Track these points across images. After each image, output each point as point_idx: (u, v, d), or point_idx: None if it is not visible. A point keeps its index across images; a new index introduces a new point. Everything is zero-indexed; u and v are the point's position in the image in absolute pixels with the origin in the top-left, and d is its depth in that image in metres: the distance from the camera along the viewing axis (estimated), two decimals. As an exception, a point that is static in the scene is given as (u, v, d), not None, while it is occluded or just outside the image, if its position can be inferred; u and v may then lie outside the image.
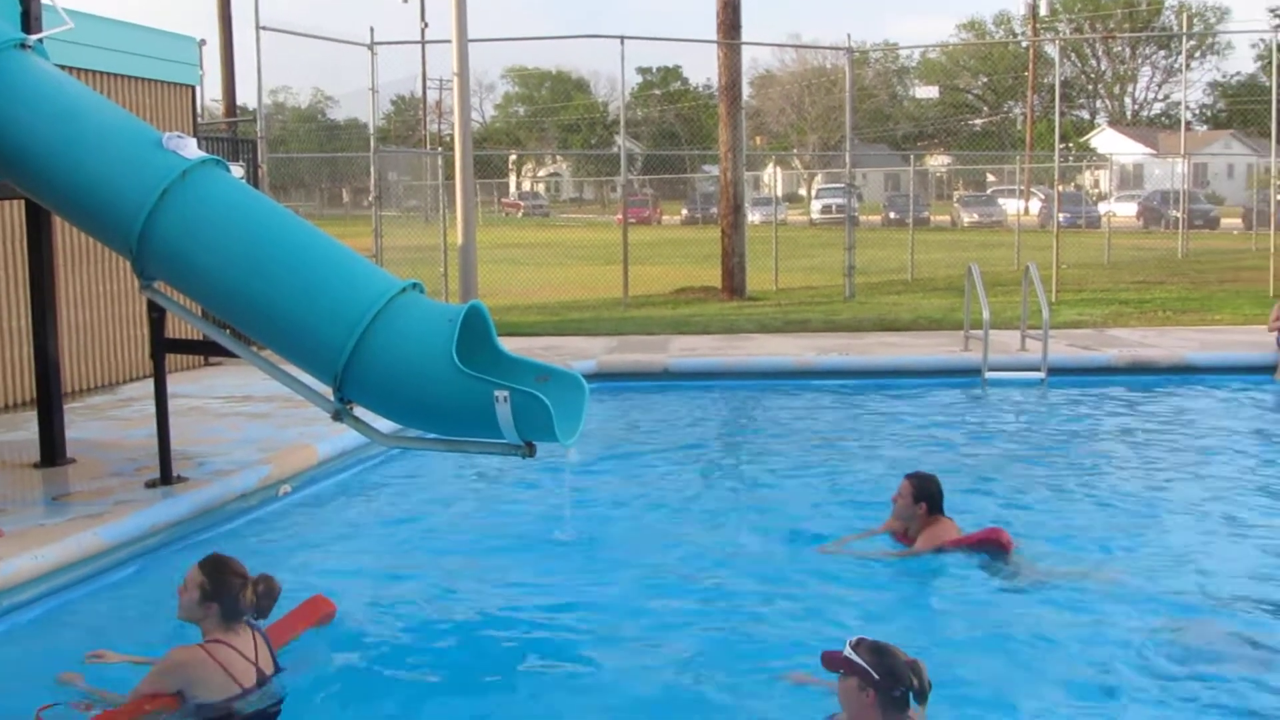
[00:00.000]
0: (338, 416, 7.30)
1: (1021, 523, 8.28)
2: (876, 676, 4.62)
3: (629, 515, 8.83)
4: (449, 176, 20.33)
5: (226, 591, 5.31)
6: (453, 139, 16.05)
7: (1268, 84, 25.87)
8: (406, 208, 33.62)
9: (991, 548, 7.51)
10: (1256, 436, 11.80)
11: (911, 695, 4.62)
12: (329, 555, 7.93)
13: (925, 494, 7.68)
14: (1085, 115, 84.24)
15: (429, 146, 54.99)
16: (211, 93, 68.76)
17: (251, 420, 11.06)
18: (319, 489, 9.51)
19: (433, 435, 7.51)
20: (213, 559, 5.45)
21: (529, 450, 7.07)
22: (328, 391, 7.20)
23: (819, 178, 63.38)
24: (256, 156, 16.86)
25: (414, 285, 7.29)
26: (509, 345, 7.43)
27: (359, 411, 7.34)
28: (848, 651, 4.69)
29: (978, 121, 78.31)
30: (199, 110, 16.35)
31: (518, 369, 7.28)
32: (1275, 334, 14.71)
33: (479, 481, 9.94)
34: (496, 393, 6.70)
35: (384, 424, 7.78)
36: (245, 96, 42.08)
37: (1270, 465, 10.50)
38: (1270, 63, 25.84)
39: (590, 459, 10.20)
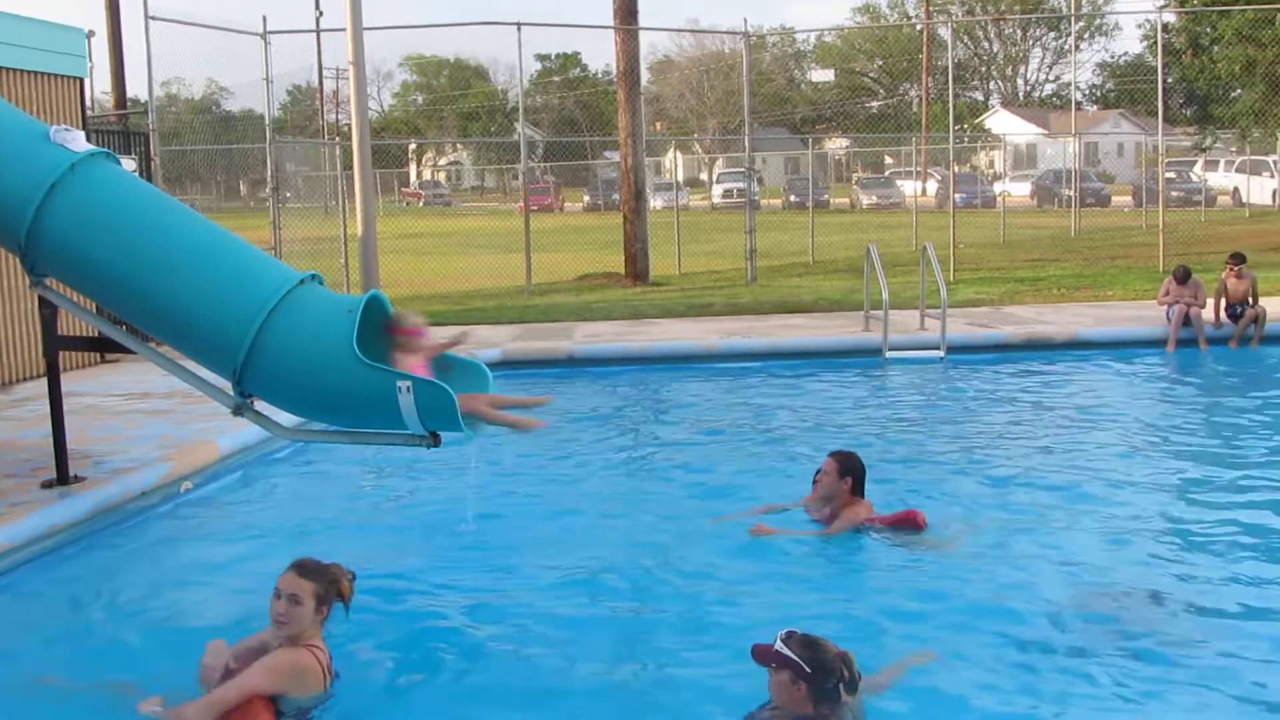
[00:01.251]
0: (238, 411, 7.20)
1: (925, 499, 8.43)
2: (808, 670, 4.66)
3: (539, 503, 8.83)
4: (348, 167, 20.13)
5: (338, 592, 5.39)
6: (351, 128, 15.87)
7: (1154, 64, 26.44)
8: (306, 199, 33.23)
9: (907, 528, 7.64)
10: (1149, 408, 12.12)
11: (842, 686, 4.67)
12: (233, 551, 7.85)
13: (850, 471, 7.76)
14: (979, 97, 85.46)
15: (327, 136, 54.35)
16: (101, 85, 67.40)
17: (150, 417, 10.89)
18: (222, 485, 9.40)
19: (336, 427, 7.44)
20: (310, 565, 5.42)
21: (433, 440, 7.01)
22: (227, 386, 7.10)
23: (720, 162, 63.66)
24: (149, 149, 16.55)
25: (313, 277, 7.20)
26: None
27: (260, 405, 7.25)
28: (778, 645, 4.71)
29: (874, 104, 79.12)
30: (88, 103, 16.00)
31: (421, 359, 7.23)
32: (1165, 308, 15.09)
33: (383, 472, 9.88)
34: (399, 383, 6.64)
35: (286, 417, 7.70)
36: (136, 88, 41.24)
37: (1162, 434, 10.79)
38: (1156, 43, 26.42)
39: (496, 447, 10.17)
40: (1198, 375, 13.69)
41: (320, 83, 63.91)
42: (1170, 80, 33.11)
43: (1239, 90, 28.40)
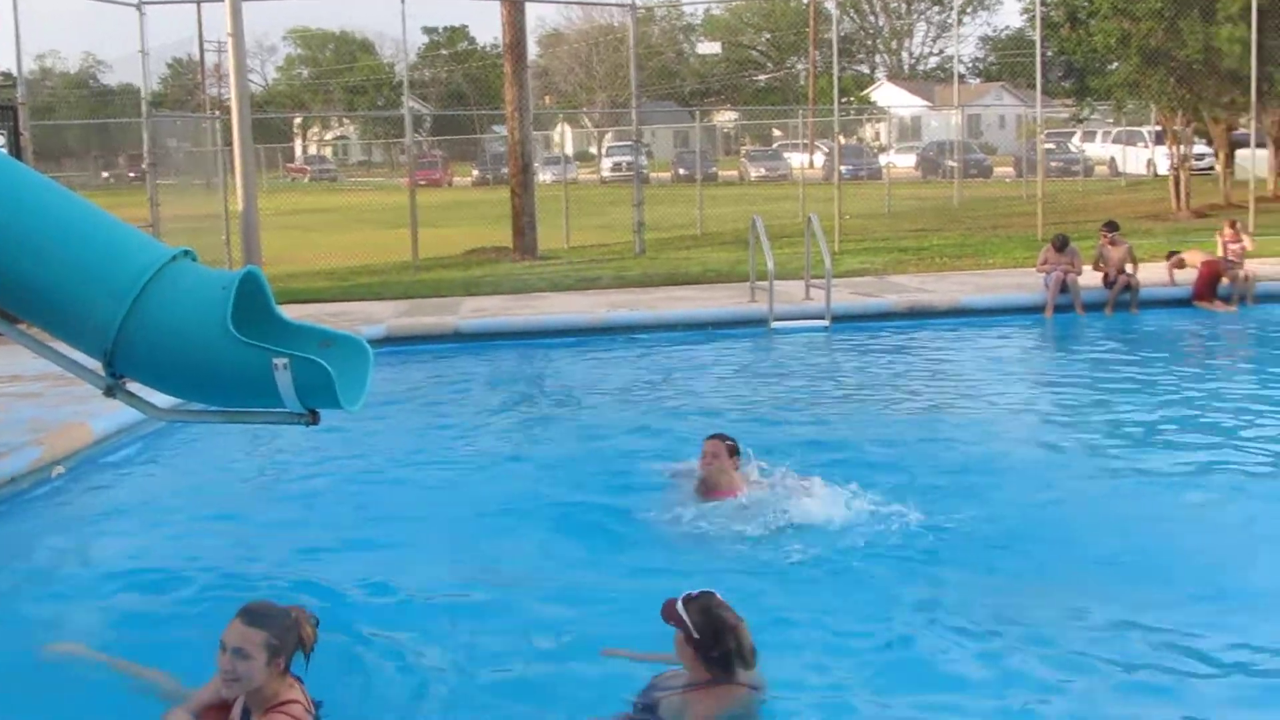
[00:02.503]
0: (110, 392, 7.01)
1: (814, 467, 8.44)
2: (697, 635, 4.66)
3: (422, 479, 8.76)
4: (229, 142, 19.74)
5: (291, 636, 4.54)
6: (231, 102, 15.56)
7: (1034, 37, 26.90)
8: (188, 175, 32.55)
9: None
10: (1029, 372, 12.40)
11: (733, 657, 4.68)
12: (108, 536, 7.69)
13: (735, 449, 7.74)
14: (865, 70, 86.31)
15: (209, 111, 53.24)
16: (-30, 59, 65.19)
17: (20, 400, 10.60)
18: (96, 468, 9.18)
19: (212, 407, 7.30)
20: (260, 610, 4.57)
21: (312, 418, 6.91)
22: (99, 367, 6.92)
23: (609, 136, 63.54)
24: (18, 124, 16.07)
25: (185, 253, 7.04)
26: (296, 313, 7.31)
27: (134, 386, 7.08)
28: (679, 605, 4.72)
29: (762, 78, 79.56)
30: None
31: (300, 335, 7.10)
32: (1044, 276, 15.39)
33: (262, 451, 9.72)
34: (276, 360, 6.53)
35: (161, 398, 7.53)
36: (6, 62, 40.02)
37: (1042, 396, 11.05)
38: (1035, 16, 26.84)
39: (379, 423, 10.07)
40: (1075, 340, 14.01)
41: (201, 56, 62.46)
42: (1049, 53, 33.66)
43: (1115, 63, 28.98)
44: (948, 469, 8.51)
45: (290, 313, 7.21)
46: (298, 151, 76.00)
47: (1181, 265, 15.82)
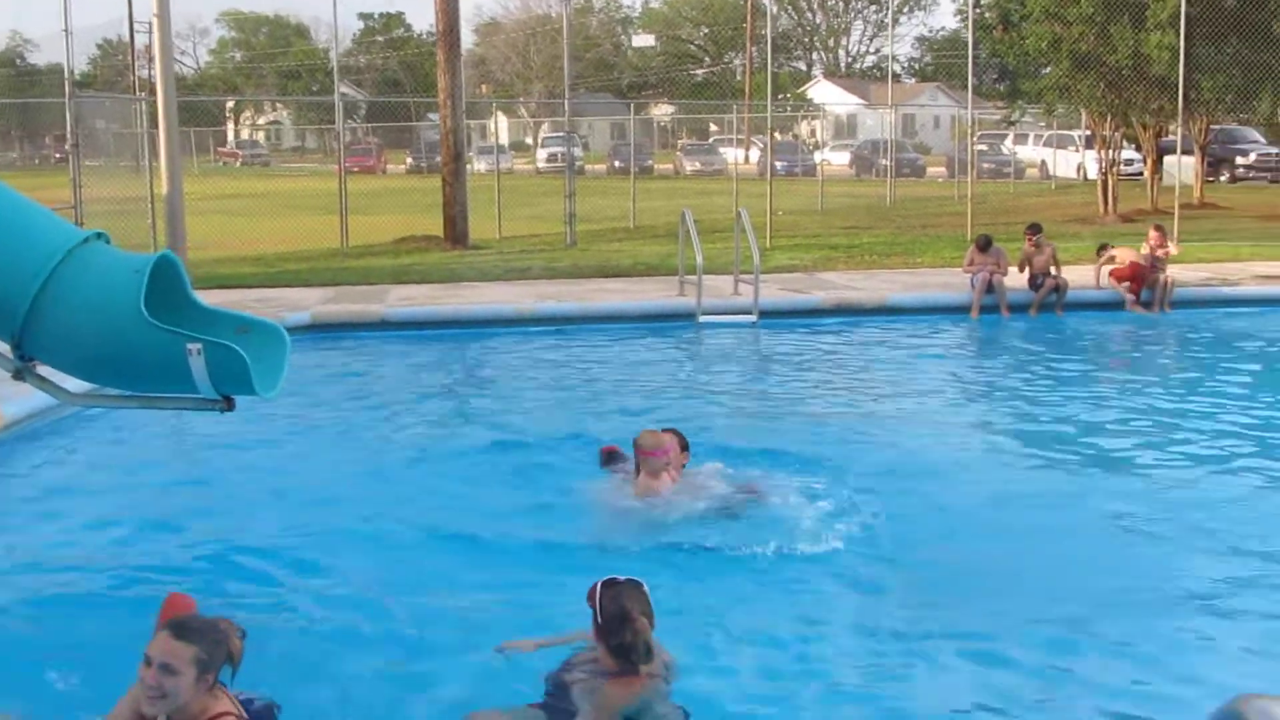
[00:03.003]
0: (19, 376, 6.86)
1: (736, 462, 8.42)
2: (600, 622, 4.68)
3: (340, 468, 8.68)
4: (156, 124, 19.43)
5: (221, 650, 4.29)
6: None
7: (968, 39, 27.16)
8: (116, 157, 32.04)
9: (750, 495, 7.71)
10: (953, 371, 12.50)
11: (629, 651, 4.66)
12: (19, 520, 7.54)
13: (685, 444, 7.68)
14: (802, 67, 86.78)
15: (138, 92, 52.47)
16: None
17: (-69, 383, 10.36)
18: (6, 453, 9.00)
19: (125, 391, 7.17)
20: (189, 624, 4.34)
21: (227, 404, 6.80)
22: (8, 350, 6.78)
23: (545, 127, 63.38)
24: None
25: (99, 235, 6.91)
26: (221, 298, 7.20)
27: (45, 370, 6.94)
28: (598, 588, 4.74)
29: (699, 72, 79.69)
30: None
31: (216, 321, 6.98)
32: (970, 276, 15.51)
33: (177, 439, 9.57)
34: (189, 345, 6.43)
35: (73, 382, 7.39)
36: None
37: (965, 395, 11.15)
38: (969, 18, 27.12)
39: (300, 411, 9.98)
40: (998, 340, 14.15)
41: (131, 36, 61.57)
42: (982, 55, 34.02)
43: (1047, 67, 29.31)
44: (867, 465, 8.55)
45: (215, 298, 7.16)
46: (229, 136, 75.10)
47: (1111, 260, 15.96)
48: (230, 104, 76.79)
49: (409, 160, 55.46)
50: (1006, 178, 42.53)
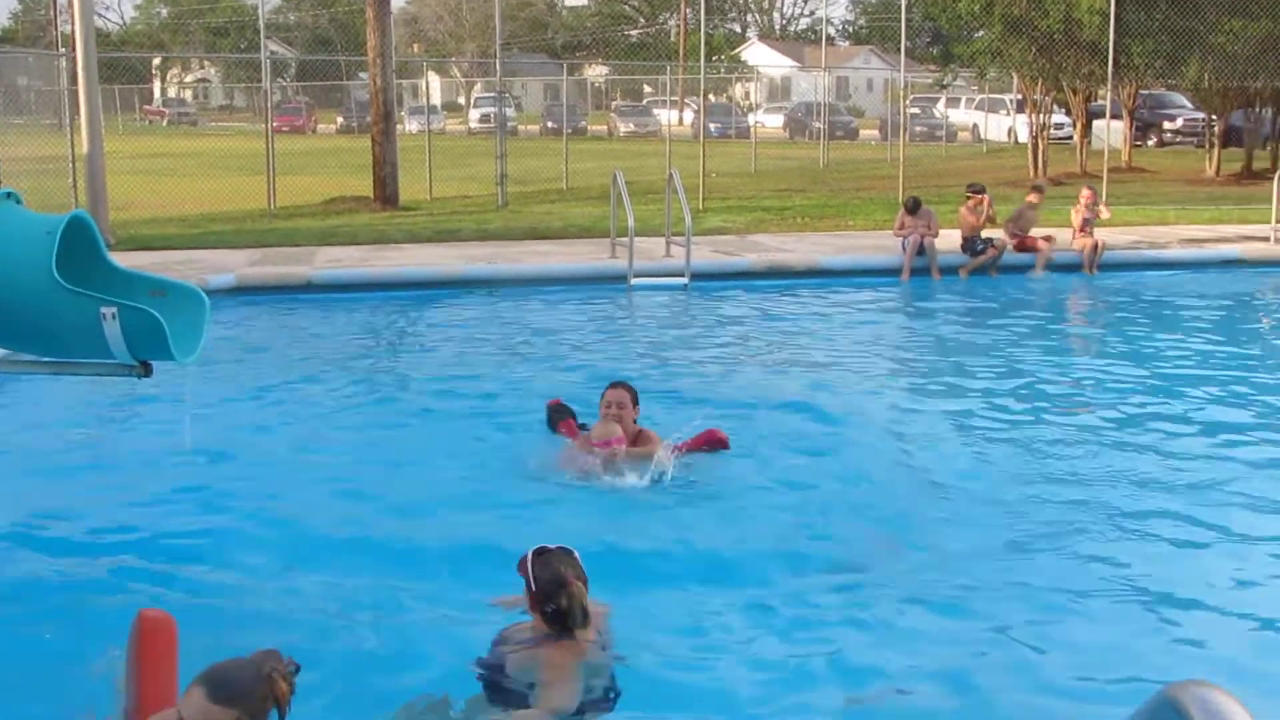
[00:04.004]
0: (-76, 341, 6.69)
1: (659, 425, 8.40)
2: (534, 588, 4.64)
3: (267, 433, 8.53)
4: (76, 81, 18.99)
5: (266, 706, 3.63)
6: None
7: (901, 2, 27.16)
8: (38, 114, 31.36)
9: (715, 446, 7.67)
10: (883, 332, 12.56)
11: (564, 617, 4.62)
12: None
13: (636, 397, 7.63)
14: (737, 29, 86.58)
15: (60, 48, 51.36)
16: None
17: None
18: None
19: (38, 357, 6.98)
20: (221, 679, 3.58)
21: (144, 370, 6.65)
22: (-85, 314, 6.58)
23: (478, 87, 62.82)
24: None
25: (9, 195, 6.71)
26: (142, 261, 7.02)
27: (-50, 335, 6.74)
28: (529, 557, 4.70)
29: (634, 33, 79.32)
30: None
31: (132, 284, 6.84)
32: (900, 239, 15.54)
33: (90, 407, 9.29)
34: (103, 309, 6.27)
35: (-18, 348, 7.19)
36: None
37: (892, 357, 11.19)
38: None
39: (224, 376, 9.79)
40: (928, 303, 14.21)
41: (53, -10, 60.29)
42: (916, 18, 34.09)
43: (980, 30, 29.42)
44: (790, 426, 8.57)
45: (138, 260, 6.99)
46: (156, 94, 73.76)
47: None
48: (156, 61, 75.43)
49: (339, 120, 54.76)
50: (939, 141, 42.72)
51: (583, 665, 4.63)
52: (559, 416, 8.06)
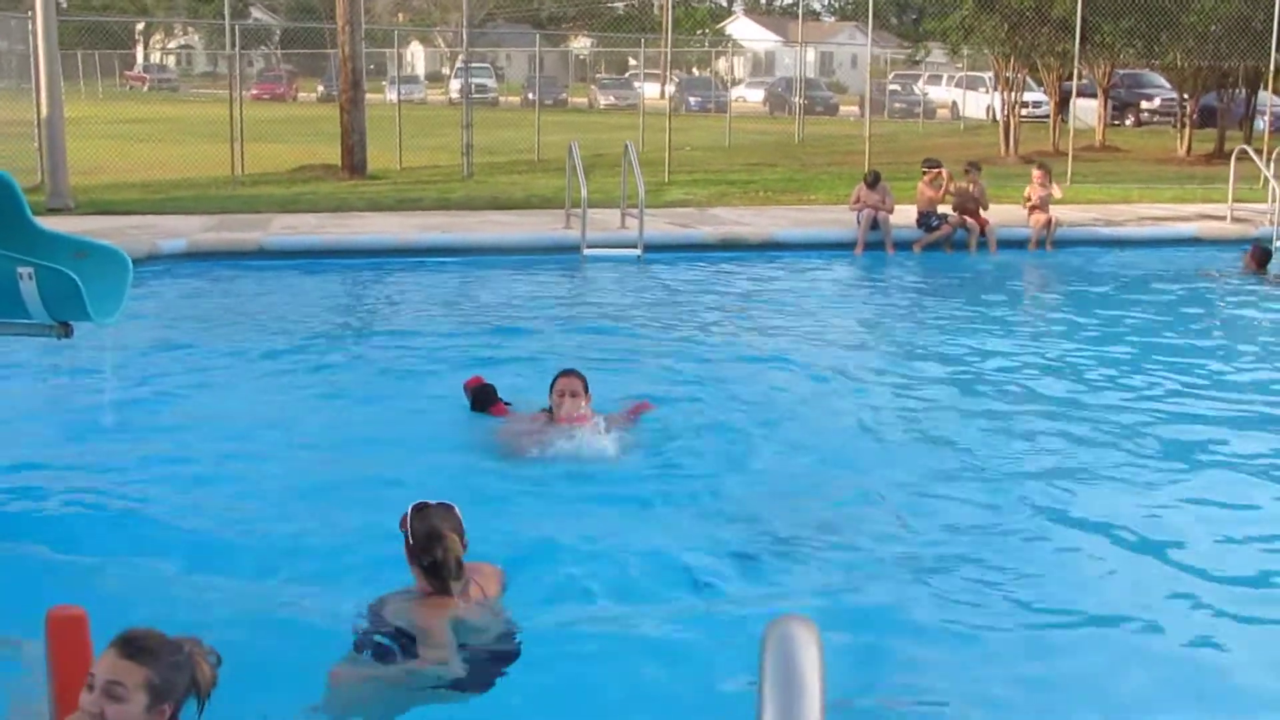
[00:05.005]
0: None
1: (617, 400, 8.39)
2: (410, 542, 4.77)
3: (196, 399, 8.53)
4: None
5: (182, 677, 3.59)
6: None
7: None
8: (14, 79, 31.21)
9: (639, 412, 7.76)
10: (835, 306, 12.66)
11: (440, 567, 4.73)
12: None
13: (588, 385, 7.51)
14: (723, 3, 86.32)
15: (28, 11, 50.98)
16: None
17: None
18: None
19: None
20: (144, 641, 3.56)
21: (63, 330, 6.71)
22: None
23: (460, 57, 62.57)
24: None
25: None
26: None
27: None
28: (407, 514, 4.82)
29: (619, 5, 79.05)
30: None
31: (55, 245, 6.90)
32: (855, 213, 15.62)
33: (22, 375, 9.26)
34: (19, 269, 6.32)
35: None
36: None
37: (842, 330, 11.31)
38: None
39: (162, 340, 9.83)
40: (880, 276, 14.31)
41: (32, -47, 59.87)
42: (895, -7, 34.08)
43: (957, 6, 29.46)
44: (733, 397, 8.64)
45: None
46: (139, 59, 73.33)
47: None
48: (140, 27, 74.98)
49: (320, 88, 54.47)
50: (917, 118, 42.74)
51: (455, 622, 4.73)
52: (487, 399, 7.86)
